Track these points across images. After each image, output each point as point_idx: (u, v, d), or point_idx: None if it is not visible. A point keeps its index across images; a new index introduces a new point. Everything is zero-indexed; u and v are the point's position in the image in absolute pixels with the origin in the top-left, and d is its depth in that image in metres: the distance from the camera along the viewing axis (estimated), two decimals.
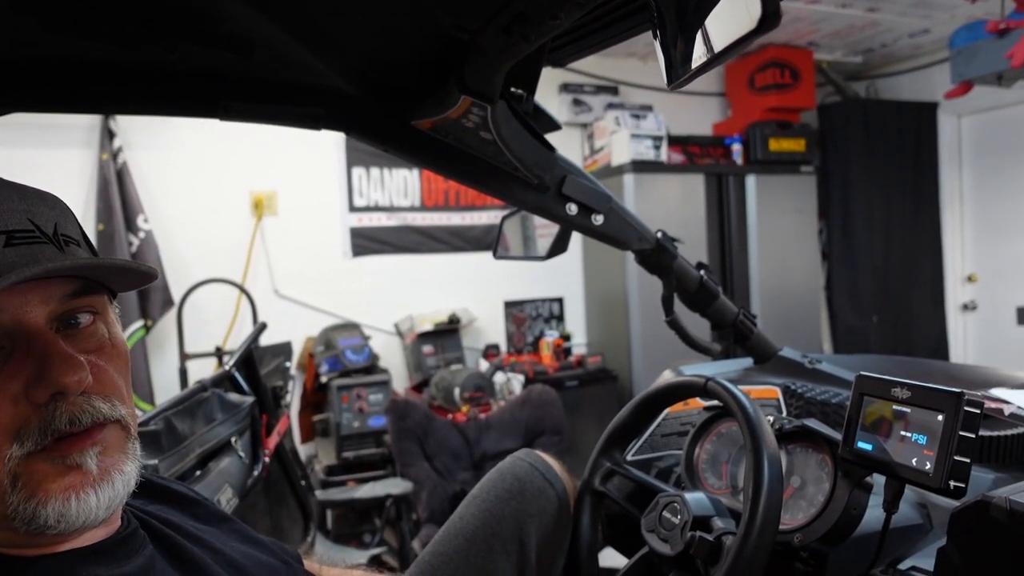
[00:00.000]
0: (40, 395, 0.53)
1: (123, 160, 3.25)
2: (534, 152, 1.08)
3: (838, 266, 4.48)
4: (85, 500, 0.54)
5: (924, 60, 4.45)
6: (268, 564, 0.72)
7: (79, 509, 0.53)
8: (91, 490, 0.54)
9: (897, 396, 0.80)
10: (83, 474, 0.54)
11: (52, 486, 0.53)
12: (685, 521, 0.89)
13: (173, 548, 0.65)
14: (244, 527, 0.77)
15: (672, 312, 1.25)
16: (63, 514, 0.53)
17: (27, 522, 0.52)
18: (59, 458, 0.54)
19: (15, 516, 0.52)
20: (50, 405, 0.53)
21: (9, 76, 0.84)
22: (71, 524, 0.53)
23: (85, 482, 0.54)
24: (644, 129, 3.90)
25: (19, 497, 0.52)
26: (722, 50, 0.46)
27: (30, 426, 0.52)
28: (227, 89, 0.96)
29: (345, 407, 3.11)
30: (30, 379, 0.53)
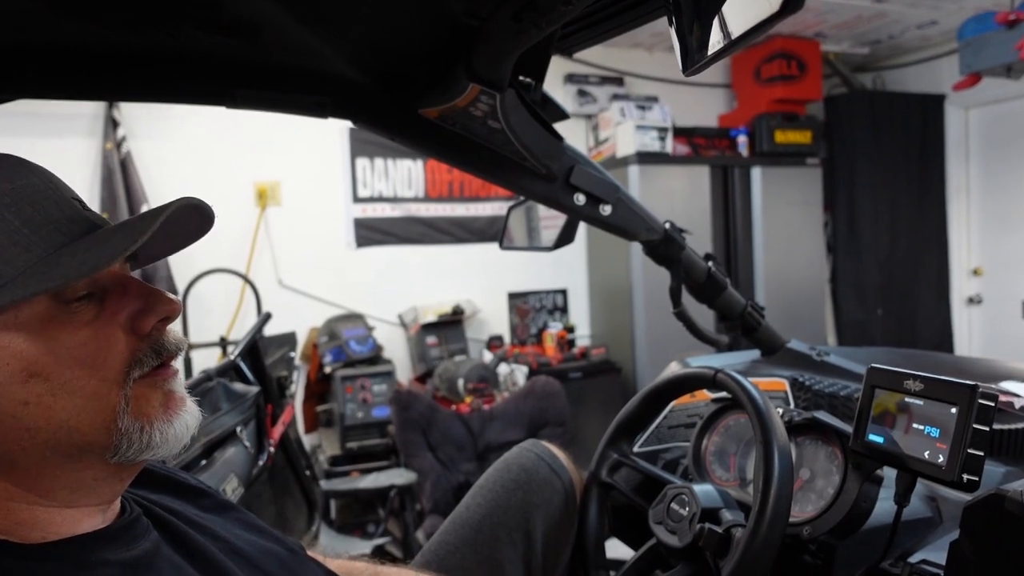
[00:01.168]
0: (149, 323, 0.59)
1: (127, 149, 3.24)
2: (542, 141, 1.08)
3: (843, 259, 4.46)
4: (182, 421, 0.60)
5: (932, 52, 4.42)
6: (273, 552, 0.72)
7: (178, 429, 0.59)
8: (184, 412, 0.60)
9: (910, 388, 0.79)
10: (177, 398, 0.60)
11: (154, 410, 0.58)
12: (693, 513, 0.89)
13: (177, 535, 0.65)
14: (248, 515, 0.77)
15: (680, 303, 1.25)
16: (166, 434, 0.58)
17: (131, 445, 0.56)
18: (161, 382, 0.59)
19: (122, 441, 0.56)
20: (153, 333, 0.59)
21: (13, 62, 0.84)
22: (171, 445, 0.59)
23: (180, 405, 0.60)
24: (649, 120, 3.88)
25: (129, 420, 0.57)
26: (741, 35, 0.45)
27: (144, 352, 0.58)
28: (233, 76, 0.95)
29: (349, 397, 3.11)
30: (135, 312, 0.59)
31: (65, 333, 0.55)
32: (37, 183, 0.57)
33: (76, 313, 0.56)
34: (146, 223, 0.55)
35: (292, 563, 0.72)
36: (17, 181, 0.56)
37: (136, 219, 0.57)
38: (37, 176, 0.58)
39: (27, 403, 0.53)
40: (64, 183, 0.60)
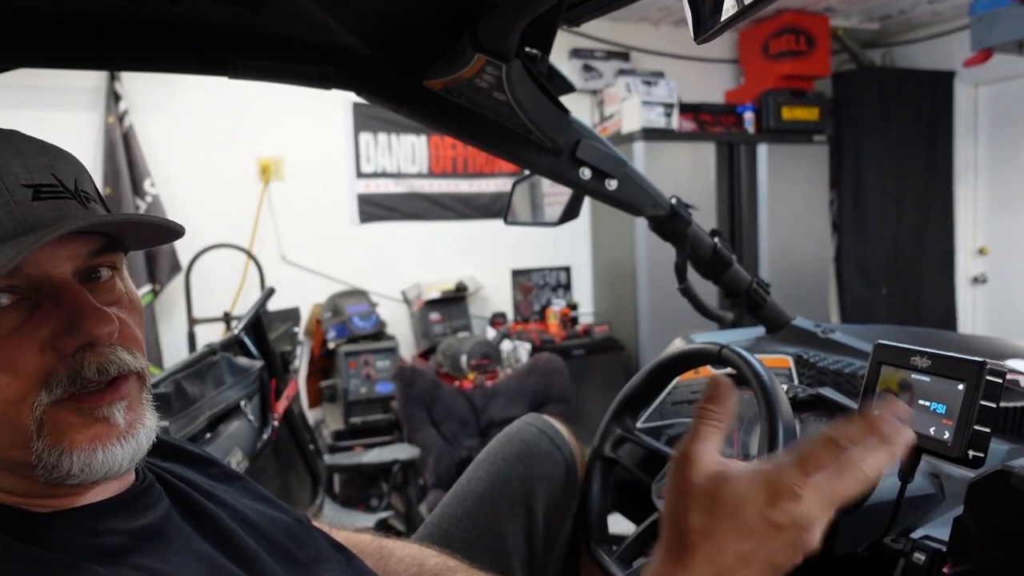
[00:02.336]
0: (69, 344, 0.53)
1: (129, 123, 3.22)
2: (548, 114, 1.06)
3: (848, 237, 4.44)
4: (111, 452, 0.54)
5: (942, 28, 4.36)
6: (280, 520, 0.72)
7: (104, 460, 0.54)
8: (117, 442, 0.55)
9: (916, 365, 0.78)
10: (110, 426, 0.55)
11: (78, 436, 0.53)
12: None
13: (188, 503, 0.65)
14: (256, 486, 0.77)
15: (685, 280, 1.24)
16: (87, 464, 0.53)
17: (49, 470, 0.53)
18: (87, 410, 0.54)
19: (38, 463, 0.52)
20: (77, 355, 0.54)
21: (13, 29, 0.83)
22: (94, 475, 0.54)
23: (112, 434, 0.55)
24: (655, 96, 3.84)
25: (44, 444, 0.52)
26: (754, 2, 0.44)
27: (58, 374, 0.53)
28: (236, 46, 0.94)
29: (353, 373, 3.12)
30: (59, 329, 0.53)
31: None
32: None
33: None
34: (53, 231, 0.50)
35: (299, 532, 0.73)
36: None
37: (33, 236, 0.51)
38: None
39: None
40: (30, 161, 0.55)
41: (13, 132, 0.57)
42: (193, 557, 0.59)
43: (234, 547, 0.63)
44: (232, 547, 0.63)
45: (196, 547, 0.60)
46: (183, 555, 0.58)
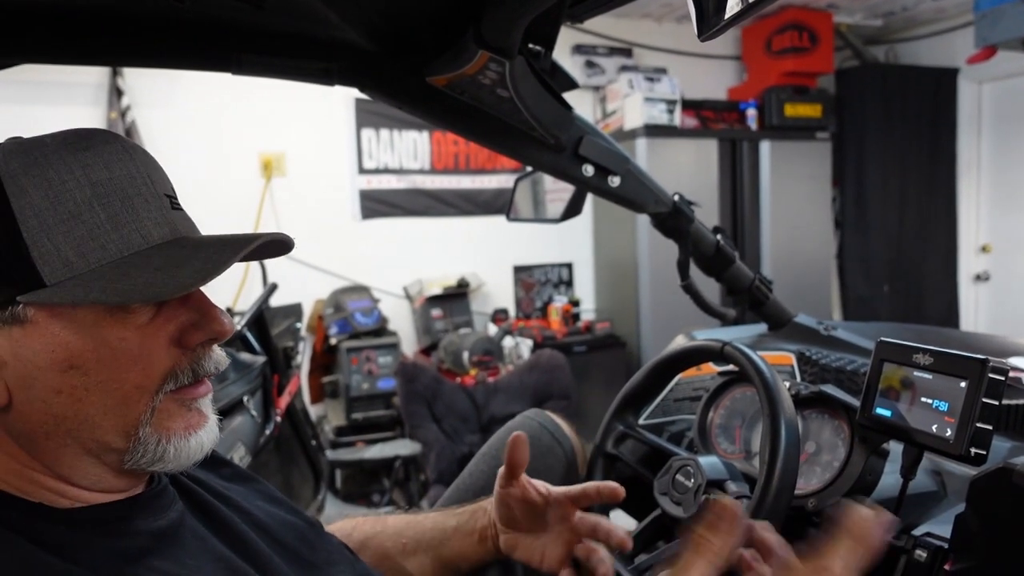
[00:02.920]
0: (196, 339, 0.58)
1: (131, 119, 3.22)
2: (551, 111, 1.06)
3: (851, 234, 4.43)
4: (199, 438, 0.60)
5: (946, 24, 4.34)
6: (293, 524, 0.72)
7: (195, 447, 0.59)
8: (205, 430, 0.60)
9: (919, 362, 0.79)
10: (201, 416, 0.60)
11: (174, 425, 0.58)
12: (699, 484, 0.89)
13: (201, 505, 0.66)
14: (269, 487, 0.78)
15: (687, 276, 1.24)
16: (180, 450, 0.58)
17: (143, 455, 0.56)
18: (189, 400, 0.59)
19: (137, 450, 0.56)
20: (198, 350, 0.59)
21: (19, 25, 0.83)
22: (185, 461, 0.59)
23: (201, 423, 0.60)
24: (658, 92, 3.84)
25: (149, 431, 0.56)
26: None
27: (183, 368, 0.58)
28: (239, 42, 0.94)
29: (355, 369, 3.13)
30: (187, 325, 0.58)
31: (115, 333, 0.54)
32: (134, 174, 0.56)
33: (132, 315, 0.55)
34: (225, 255, 0.55)
35: (310, 535, 0.73)
36: (115, 170, 0.55)
37: (216, 245, 0.56)
38: (136, 165, 0.57)
39: (60, 392, 0.54)
40: (161, 173, 0.59)
41: (136, 145, 0.60)
42: (208, 560, 0.59)
43: (247, 550, 0.64)
44: (246, 550, 0.63)
45: (211, 549, 0.61)
46: (198, 558, 0.59)
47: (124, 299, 0.53)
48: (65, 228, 0.52)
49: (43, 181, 0.53)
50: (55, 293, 0.52)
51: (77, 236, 0.53)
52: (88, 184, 0.54)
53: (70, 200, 0.53)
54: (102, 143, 0.56)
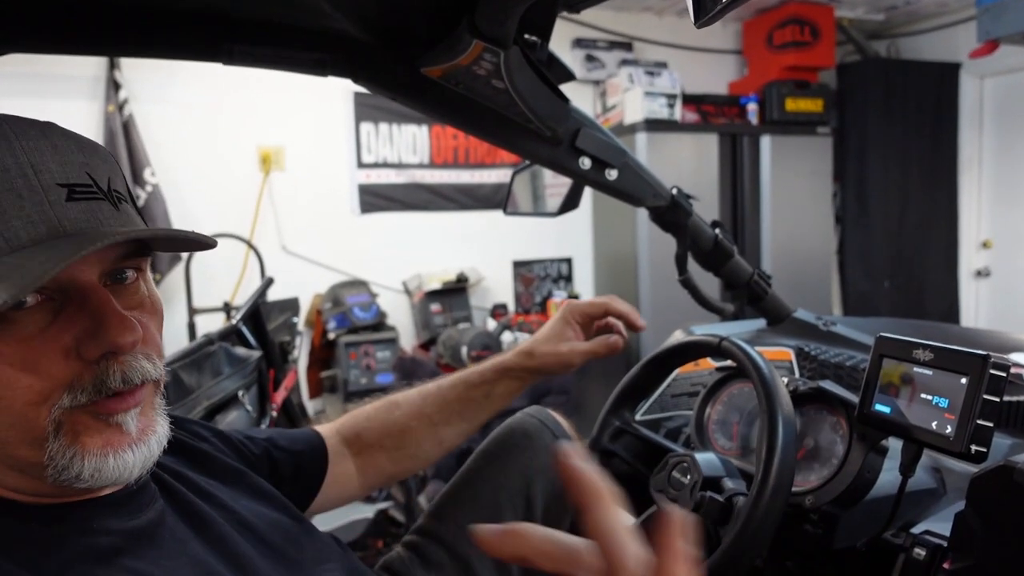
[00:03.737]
0: (93, 351, 0.52)
1: (129, 112, 3.20)
2: (548, 103, 1.05)
3: (851, 230, 4.42)
4: (122, 458, 0.54)
5: (949, 19, 4.32)
6: (279, 523, 0.71)
7: (115, 466, 0.54)
8: (128, 449, 0.55)
9: (919, 358, 0.77)
10: (123, 434, 0.55)
11: (91, 441, 0.53)
12: (695, 481, 0.88)
13: (183, 504, 0.65)
14: (258, 481, 0.76)
15: (686, 271, 1.23)
16: (98, 469, 0.53)
17: (60, 472, 0.52)
18: (104, 415, 0.54)
19: (50, 464, 0.52)
20: (101, 362, 0.53)
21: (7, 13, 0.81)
22: (104, 480, 0.54)
23: (125, 442, 0.55)
24: (658, 87, 3.82)
25: (58, 445, 0.52)
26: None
27: (83, 382, 0.53)
28: (231, 32, 0.92)
29: (353, 364, 3.12)
30: (83, 335, 0.53)
31: (1, 344, 0.50)
32: (8, 166, 0.50)
33: (20, 322, 0.51)
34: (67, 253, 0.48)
35: (297, 533, 0.72)
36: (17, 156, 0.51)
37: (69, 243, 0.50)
38: (16, 154, 0.51)
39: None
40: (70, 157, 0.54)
41: (50, 125, 0.55)
42: (185, 562, 0.58)
43: (228, 551, 0.62)
44: (226, 551, 0.62)
45: (189, 551, 0.60)
46: (174, 559, 0.58)
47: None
48: None
49: None
50: None
51: None
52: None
53: None
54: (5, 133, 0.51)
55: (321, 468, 0.92)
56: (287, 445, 0.88)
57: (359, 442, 0.99)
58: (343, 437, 0.99)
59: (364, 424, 1.00)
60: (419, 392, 1.04)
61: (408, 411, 1.01)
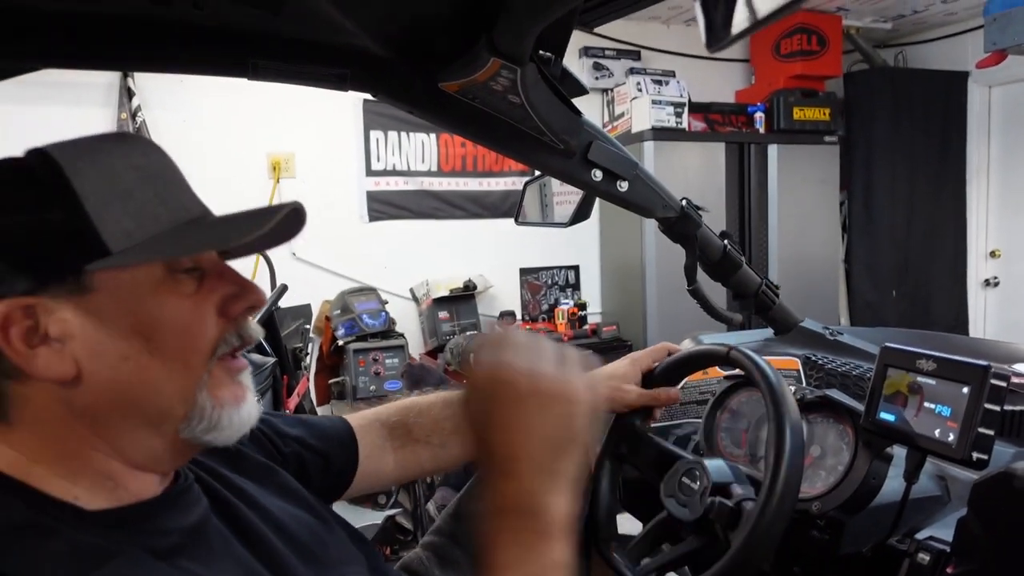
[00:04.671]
0: (239, 308, 0.63)
1: (141, 119, 3.25)
2: (561, 117, 1.07)
3: (858, 239, 4.43)
4: (247, 410, 0.63)
5: (956, 28, 4.34)
6: (306, 522, 0.73)
7: (243, 417, 0.62)
8: (247, 404, 0.63)
9: (922, 368, 0.80)
10: (244, 388, 0.64)
11: (225, 393, 0.62)
12: (704, 487, 0.90)
13: (222, 502, 0.67)
14: (284, 477, 0.78)
15: (695, 281, 1.25)
16: (231, 419, 0.61)
17: (201, 422, 0.60)
18: (234, 371, 0.64)
19: (194, 417, 0.59)
20: (240, 319, 0.63)
21: (38, 30, 0.84)
22: (233, 433, 0.62)
23: (245, 395, 0.64)
24: (666, 95, 3.85)
25: (203, 396, 0.60)
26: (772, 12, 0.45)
27: (230, 334, 0.62)
28: (255, 48, 0.95)
29: (362, 370, 3.14)
30: (228, 296, 0.62)
31: (171, 299, 0.59)
32: (166, 163, 0.63)
33: (181, 283, 0.60)
34: (264, 218, 0.59)
35: (322, 531, 0.74)
36: (151, 158, 0.62)
37: (251, 213, 0.61)
38: (163, 157, 0.63)
39: (127, 358, 0.57)
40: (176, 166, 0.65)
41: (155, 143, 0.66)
42: (231, 563, 0.61)
43: (266, 552, 0.65)
44: (264, 552, 0.64)
45: (232, 551, 0.62)
46: (222, 560, 0.60)
47: (191, 251, 0.59)
48: (121, 203, 0.57)
49: (95, 164, 0.58)
50: (121, 258, 0.56)
51: (132, 210, 0.57)
52: (132, 168, 0.59)
53: (121, 180, 0.58)
54: (132, 139, 0.64)
55: (351, 466, 0.93)
56: (317, 444, 0.89)
57: (407, 436, 0.99)
58: (388, 429, 0.99)
59: (415, 418, 1.00)
60: None
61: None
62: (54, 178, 0.56)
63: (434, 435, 1.00)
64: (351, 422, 0.97)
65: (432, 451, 1.00)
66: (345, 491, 0.94)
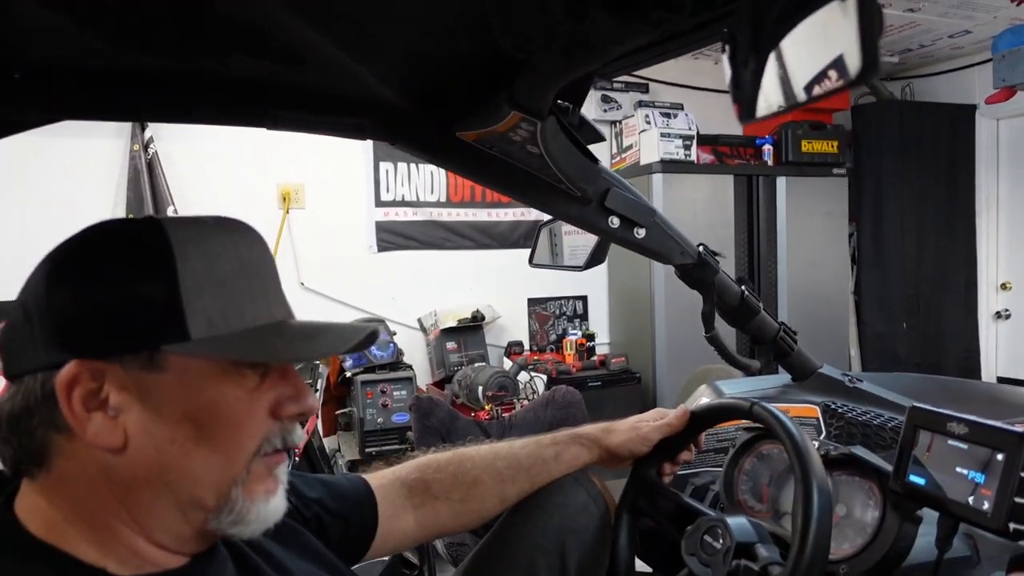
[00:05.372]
0: (290, 411, 0.63)
1: (153, 151, 3.27)
2: (579, 165, 1.07)
3: (868, 271, 4.41)
4: (275, 504, 0.63)
5: (963, 61, 4.36)
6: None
7: (269, 511, 0.62)
8: (276, 497, 0.63)
9: (953, 431, 0.78)
10: (278, 482, 0.64)
11: (259, 488, 0.61)
12: (728, 547, 0.88)
13: (249, 568, 0.67)
14: (308, 539, 0.79)
15: (712, 328, 1.24)
16: (259, 513, 0.61)
17: (230, 515, 0.59)
18: (273, 465, 0.63)
19: (225, 508, 0.59)
20: (286, 422, 0.63)
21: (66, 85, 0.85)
22: (260, 525, 0.62)
23: (277, 489, 0.64)
24: (674, 128, 3.86)
25: (240, 491, 0.60)
26: (806, 99, 0.45)
27: (275, 435, 0.62)
28: (276, 99, 0.95)
29: (369, 402, 3.12)
30: (284, 398, 0.63)
31: (232, 392, 0.59)
32: (266, 259, 0.65)
33: (245, 377, 0.60)
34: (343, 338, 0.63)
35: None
36: (255, 252, 0.63)
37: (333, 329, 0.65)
38: (266, 252, 0.66)
39: (173, 441, 0.57)
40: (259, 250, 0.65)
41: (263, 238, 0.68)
42: None
43: None
44: None
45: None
46: None
47: (269, 358, 0.60)
48: (214, 292, 0.58)
49: (203, 250, 0.59)
50: (199, 347, 0.57)
51: (222, 300, 0.59)
52: (236, 259, 0.61)
53: (219, 269, 0.59)
54: (245, 229, 0.64)
55: (371, 527, 0.93)
56: (337, 507, 0.89)
57: (426, 492, 0.99)
58: (408, 487, 0.99)
59: (433, 475, 1.00)
60: (491, 448, 1.06)
61: (481, 465, 1.02)
62: (162, 255, 0.57)
63: (453, 490, 0.99)
64: (370, 482, 0.96)
65: (452, 507, 0.99)
66: (366, 552, 0.92)
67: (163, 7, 0.70)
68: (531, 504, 1.03)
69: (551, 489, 1.03)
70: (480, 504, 1.00)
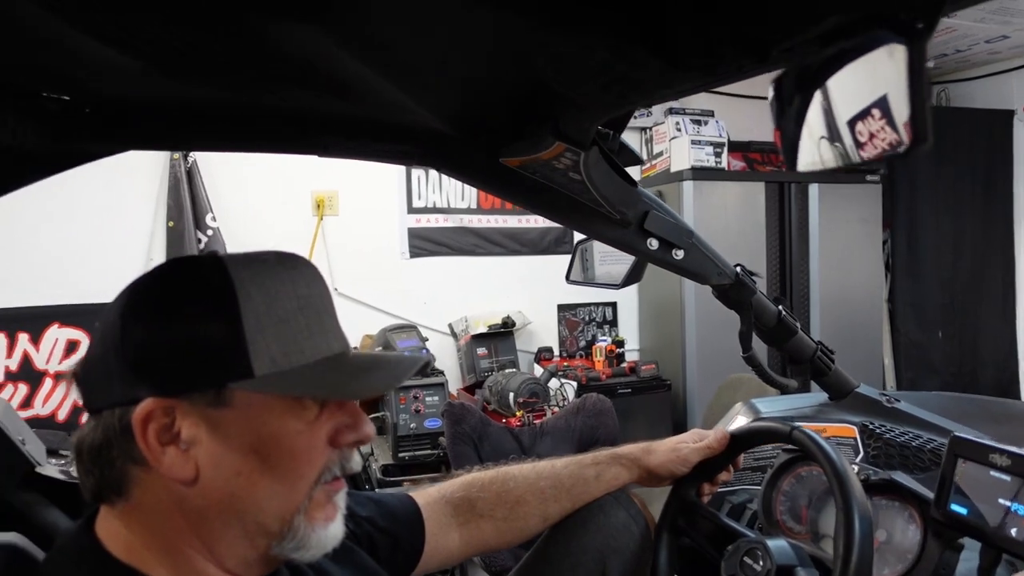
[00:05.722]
0: (348, 440, 0.66)
1: (192, 159, 3.35)
2: (619, 190, 1.09)
3: (902, 278, 4.34)
4: (334, 529, 0.66)
5: (1001, 66, 4.28)
6: None
7: (330, 536, 0.65)
8: (335, 522, 0.66)
9: (996, 463, 0.78)
10: (337, 509, 0.67)
11: (319, 514, 0.64)
12: (768, 570, 0.89)
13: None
14: (362, 557, 0.82)
15: (750, 348, 1.25)
16: (319, 538, 0.64)
17: (291, 541, 0.62)
18: (333, 492, 0.66)
19: (287, 535, 0.62)
20: (345, 450, 0.66)
21: (133, 118, 0.89)
22: (320, 550, 0.65)
23: (336, 515, 0.66)
24: (705, 135, 3.85)
25: (302, 519, 0.63)
26: (856, 163, 0.46)
27: (334, 464, 0.65)
28: (327, 129, 0.99)
29: (402, 408, 3.16)
30: (342, 427, 0.65)
31: (293, 425, 0.62)
32: (323, 295, 0.67)
33: (306, 409, 0.63)
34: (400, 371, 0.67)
35: None
36: (313, 288, 0.66)
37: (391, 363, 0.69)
38: (323, 288, 0.68)
39: (240, 473, 0.60)
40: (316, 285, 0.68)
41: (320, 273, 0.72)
42: None
43: None
44: None
45: None
46: None
47: (329, 395, 0.63)
48: (275, 330, 0.61)
49: (264, 289, 0.62)
50: (263, 384, 0.60)
51: (284, 337, 0.61)
52: (296, 297, 0.63)
53: (280, 307, 0.62)
54: (304, 265, 0.67)
55: (419, 545, 0.96)
56: (387, 526, 0.92)
57: (471, 511, 1.02)
58: (453, 506, 1.02)
59: (478, 493, 1.03)
60: (533, 467, 1.09)
61: (523, 483, 1.05)
62: (225, 295, 0.60)
63: (497, 508, 1.01)
64: (417, 500, 0.99)
65: (496, 525, 1.01)
66: (414, 569, 0.95)
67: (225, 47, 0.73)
68: (573, 523, 1.05)
69: (592, 508, 1.05)
70: (523, 522, 1.03)
